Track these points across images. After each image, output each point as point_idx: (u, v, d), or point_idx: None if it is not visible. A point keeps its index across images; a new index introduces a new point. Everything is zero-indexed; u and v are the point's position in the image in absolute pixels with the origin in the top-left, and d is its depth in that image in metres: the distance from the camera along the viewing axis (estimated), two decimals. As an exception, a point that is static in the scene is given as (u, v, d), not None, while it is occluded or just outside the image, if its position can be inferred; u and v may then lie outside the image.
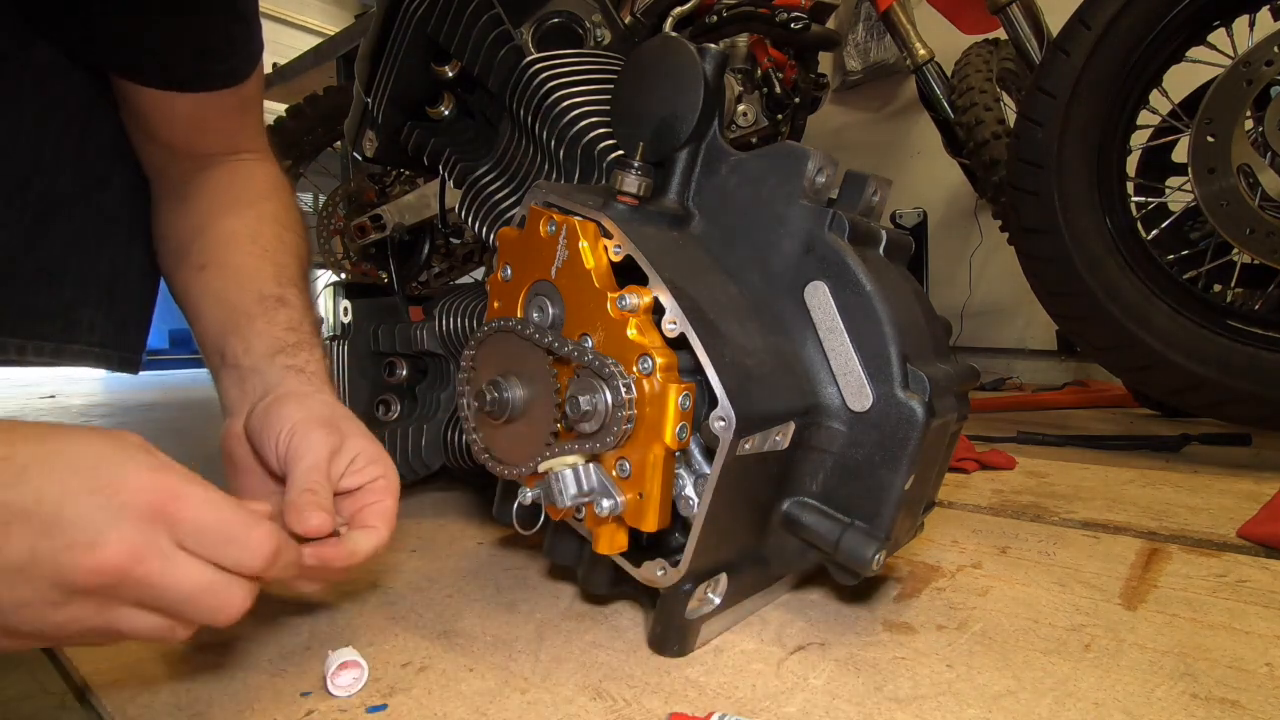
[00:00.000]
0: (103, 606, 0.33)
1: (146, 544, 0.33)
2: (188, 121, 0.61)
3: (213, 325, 0.57)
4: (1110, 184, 1.14)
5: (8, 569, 0.31)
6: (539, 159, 0.69)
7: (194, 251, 0.60)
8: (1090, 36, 1.10)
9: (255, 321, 0.55)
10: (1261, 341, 1.04)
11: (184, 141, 0.62)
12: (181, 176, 0.63)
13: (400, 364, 0.86)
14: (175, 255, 0.62)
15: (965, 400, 0.53)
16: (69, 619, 0.33)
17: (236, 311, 0.56)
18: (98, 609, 0.33)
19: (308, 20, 3.96)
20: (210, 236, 0.60)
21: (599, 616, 0.54)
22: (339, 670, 0.43)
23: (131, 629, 0.35)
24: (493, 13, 0.70)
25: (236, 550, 0.35)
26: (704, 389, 0.43)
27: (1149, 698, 0.43)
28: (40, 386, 2.60)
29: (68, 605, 0.33)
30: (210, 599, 0.35)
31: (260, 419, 0.49)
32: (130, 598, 0.34)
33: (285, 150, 2.11)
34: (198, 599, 0.35)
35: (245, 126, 0.66)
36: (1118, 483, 0.98)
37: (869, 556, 0.46)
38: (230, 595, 0.36)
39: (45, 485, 0.32)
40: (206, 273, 0.59)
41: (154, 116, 0.59)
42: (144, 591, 0.33)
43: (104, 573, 0.32)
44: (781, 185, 0.50)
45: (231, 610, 0.36)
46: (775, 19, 1.19)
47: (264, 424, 0.48)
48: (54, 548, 0.31)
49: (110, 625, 0.34)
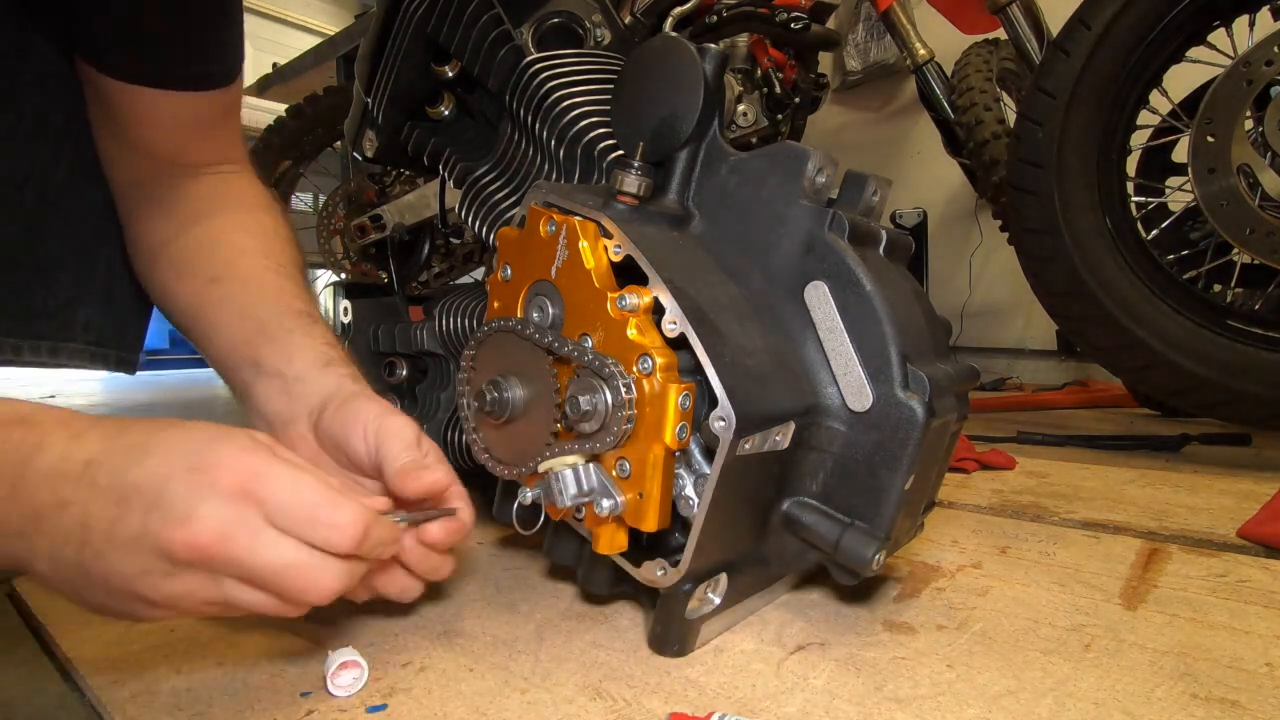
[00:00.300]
0: (210, 580, 0.36)
1: (235, 521, 0.35)
2: (177, 125, 0.60)
3: (238, 336, 0.56)
4: (1110, 184, 1.14)
5: (125, 540, 0.34)
6: (539, 159, 0.69)
7: (200, 264, 0.59)
8: (1090, 36, 1.10)
9: (293, 335, 0.56)
10: (1261, 341, 1.04)
11: (171, 148, 0.61)
12: (167, 188, 0.62)
13: (400, 364, 0.86)
14: (172, 267, 0.61)
15: (965, 400, 0.53)
16: (184, 590, 0.36)
17: (268, 324, 0.56)
18: (206, 582, 0.36)
19: (308, 20, 3.95)
20: (221, 251, 0.60)
21: (599, 616, 0.54)
22: (339, 670, 0.43)
23: (243, 603, 0.37)
24: (493, 13, 0.70)
25: (323, 529, 0.37)
26: (704, 389, 0.43)
27: (1149, 698, 0.43)
28: (40, 386, 2.60)
29: (178, 576, 0.35)
30: (297, 577, 0.36)
31: (339, 417, 0.50)
32: (229, 572, 0.36)
33: (285, 150, 2.11)
34: (285, 576, 0.36)
35: (230, 134, 0.65)
36: (1118, 483, 0.98)
37: (869, 556, 0.46)
38: (320, 574, 0.37)
39: (156, 465, 0.35)
40: (221, 286, 0.58)
41: (143, 121, 0.59)
42: (236, 567, 0.36)
43: (195, 548, 0.34)
44: (781, 185, 0.50)
45: (321, 589, 0.37)
46: (775, 19, 1.19)
47: (346, 420, 0.50)
48: (156, 522, 0.34)
49: (225, 598, 0.37)
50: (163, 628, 0.51)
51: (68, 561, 0.35)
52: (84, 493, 0.35)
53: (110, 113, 0.59)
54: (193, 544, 0.34)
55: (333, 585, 0.38)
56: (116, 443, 0.37)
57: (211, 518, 0.35)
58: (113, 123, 0.60)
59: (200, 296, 0.59)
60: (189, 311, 0.60)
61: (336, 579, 0.38)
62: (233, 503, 0.35)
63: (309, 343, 0.56)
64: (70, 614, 0.54)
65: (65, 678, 0.47)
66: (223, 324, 0.57)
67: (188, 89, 0.59)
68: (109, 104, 0.58)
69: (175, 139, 0.61)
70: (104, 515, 0.35)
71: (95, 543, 0.35)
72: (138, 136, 0.60)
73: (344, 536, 0.37)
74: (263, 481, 0.36)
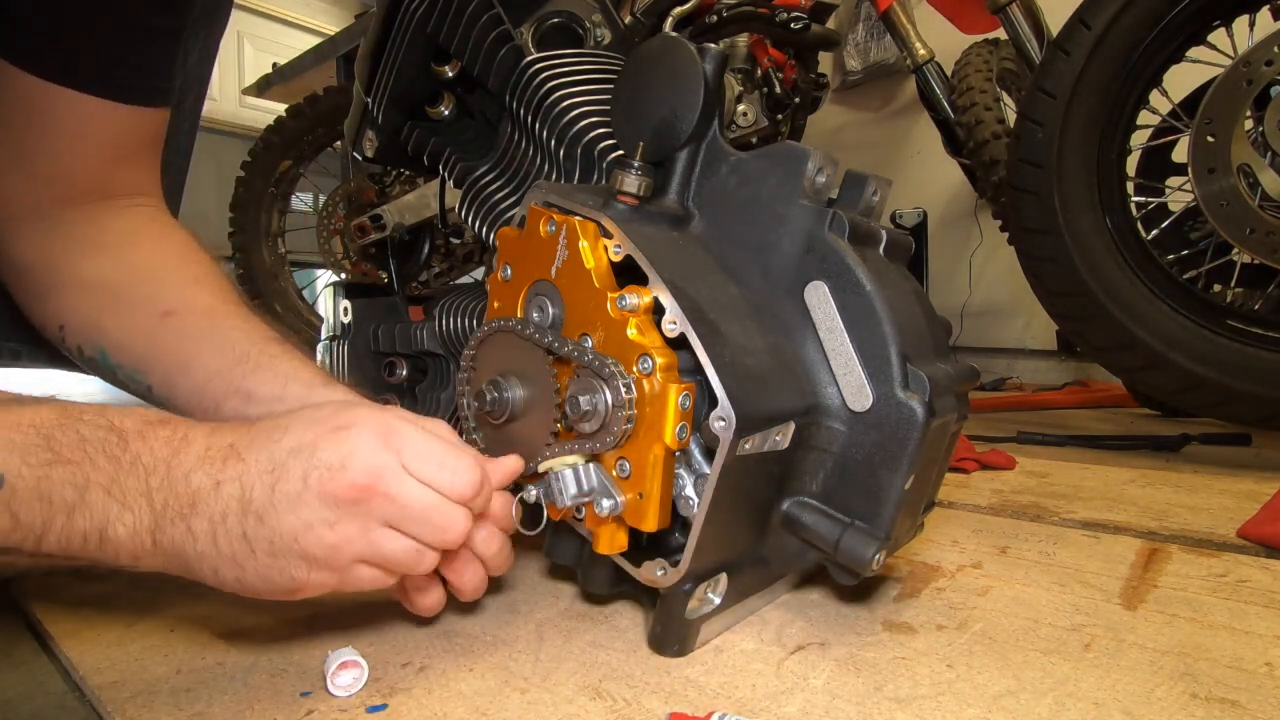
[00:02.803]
0: (364, 527, 0.40)
1: (383, 464, 0.40)
2: (105, 143, 0.58)
3: (216, 367, 0.56)
4: (1110, 184, 1.14)
5: (288, 497, 0.39)
6: (539, 159, 0.69)
7: (148, 297, 0.58)
8: (1090, 36, 1.10)
9: (279, 361, 0.56)
10: (1261, 341, 1.04)
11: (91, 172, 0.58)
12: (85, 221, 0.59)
13: (400, 364, 0.86)
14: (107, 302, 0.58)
15: (965, 400, 0.53)
16: (342, 539, 0.40)
17: (249, 353, 0.56)
18: (361, 529, 0.40)
19: (308, 20, 3.95)
20: (171, 283, 0.59)
21: (599, 616, 0.54)
22: (339, 670, 0.43)
23: (391, 550, 0.41)
24: (493, 13, 0.70)
25: (449, 471, 0.42)
26: (704, 389, 0.43)
27: (1149, 698, 0.43)
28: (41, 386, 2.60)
29: (338, 524, 0.40)
30: (438, 516, 0.42)
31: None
32: (380, 515, 0.41)
33: (285, 150, 2.11)
34: (428, 514, 0.41)
35: (153, 166, 0.64)
36: (1118, 483, 0.98)
37: (869, 556, 0.46)
38: (454, 514, 0.42)
39: (304, 432, 0.41)
40: (181, 319, 0.57)
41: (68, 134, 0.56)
42: (388, 506, 0.40)
43: (355, 486, 0.39)
44: (781, 185, 0.50)
45: (455, 530, 0.42)
46: (775, 19, 1.19)
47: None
48: (318, 471, 0.39)
49: (375, 546, 0.41)
50: (163, 628, 0.51)
51: (230, 533, 0.39)
52: (235, 469, 0.40)
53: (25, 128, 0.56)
54: (353, 483, 0.39)
55: (463, 525, 0.43)
56: (254, 428, 0.42)
57: (364, 462, 0.40)
58: (22, 142, 0.56)
59: (155, 332, 0.57)
60: (137, 347, 0.57)
61: (465, 519, 0.43)
62: (377, 450, 0.41)
63: (299, 366, 0.56)
64: (70, 614, 0.54)
65: (65, 678, 0.47)
66: (193, 357, 0.56)
67: (131, 101, 0.57)
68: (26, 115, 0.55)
69: (99, 160, 0.58)
70: (262, 483, 0.39)
71: (257, 508, 0.39)
72: (56, 155, 0.57)
73: (469, 476, 0.42)
74: (396, 433, 0.42)
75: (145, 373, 0.58)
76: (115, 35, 0.56)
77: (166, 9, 0.58)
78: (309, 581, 0.41)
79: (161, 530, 0.39)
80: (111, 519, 0.38)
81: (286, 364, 0.56)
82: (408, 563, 0.42)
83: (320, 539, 0.40)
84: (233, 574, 0.40)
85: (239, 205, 2.14)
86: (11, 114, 0.56)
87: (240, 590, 0.41)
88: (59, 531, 0.37)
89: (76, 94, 0.55)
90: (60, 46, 0.54)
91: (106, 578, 0.60)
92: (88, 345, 0.59)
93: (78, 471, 0.37)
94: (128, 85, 0.57)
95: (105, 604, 0.55)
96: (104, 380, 0.61)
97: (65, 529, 0.37)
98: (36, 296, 0.60)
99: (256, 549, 0.39)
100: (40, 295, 0.60)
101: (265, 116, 2.42)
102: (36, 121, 0.56)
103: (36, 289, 0.60)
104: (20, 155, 0.57)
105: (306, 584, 0.41)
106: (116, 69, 0.56)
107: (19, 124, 0.56)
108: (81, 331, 0.59)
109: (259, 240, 2.15)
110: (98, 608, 0.55)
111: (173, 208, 0.73)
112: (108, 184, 0.60)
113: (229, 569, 0.40)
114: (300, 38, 3.75)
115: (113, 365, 0.58)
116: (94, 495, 0.38)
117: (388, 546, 0.41)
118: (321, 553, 0.40)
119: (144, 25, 0.56)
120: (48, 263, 0.59)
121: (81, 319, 0.59)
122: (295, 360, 0.57)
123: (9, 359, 0.66)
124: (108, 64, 0.56)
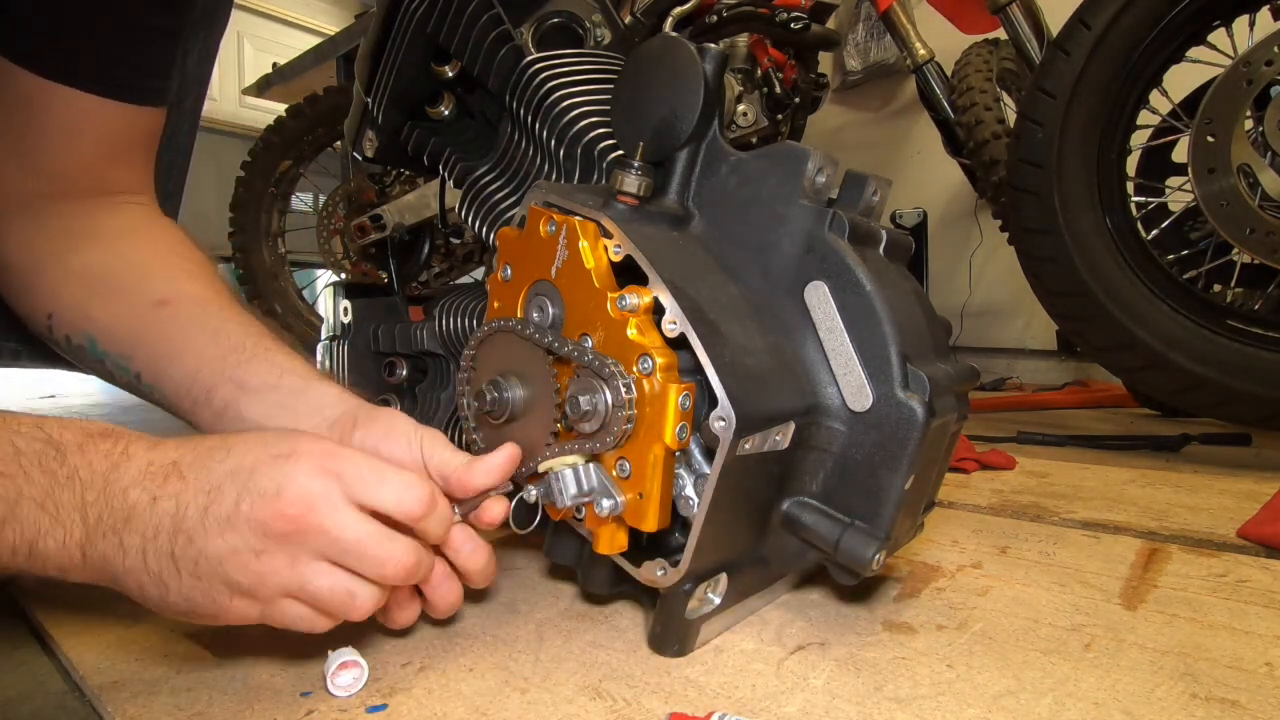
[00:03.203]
0: (293, 559, 0.39)
1: (319, 494, 0.39)
2: (102, 140, 0.58)
3: (210, 355, 0.55)
4: (1110, 184, 1.14)
5: (218, 521, 0.38)
6: (539, 159, 0.69)
7: (139, 287, 0.58)
8: (1090, 36, 1.10)
9: (273, 353, 0.56)
10: (1261, 341, 1.04)
11: (88, 168, 0.59)
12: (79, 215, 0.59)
13: (400, 364, 0.86)
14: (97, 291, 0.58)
15: (965, 400, 0.53)
16: (268, 568, 0.39)
17: (244, 343, 0.56)
18: (289, 560, 0.39)
19: (308, 20, 3.95)
20: (162, 275, 0.59)
21: (599, 616, 0.54)
22: (339, 670, 0.43)
23: (318, 586, 0.40)
24: (493, 13, 0.70)
25: (393, 490, 0.41)
26: (704, 389, 0.43)
27: (1149, 698, 0.43)
28: (40, 386, 2.60)
29: (265, 554, 0.39)
30: (376, 548, 0.40)
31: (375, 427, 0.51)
32: (312, 547, 0.39)
33: (285, 150, 2.12)
34: (364, 547, 0.40)
35: (148, 165, 0.64)
36: (1118, 483, 0.98)
37: (869, 556, 0.46)
38: (392, 548, 0.41)
39: (244, 455, 0.40)
40: (174, 308, 0.57)
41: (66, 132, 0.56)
42: (321, 538, 0.39)
43: (287, 517, 0.38)
44: (781, 185, 0.50)
45: (395, 563, 0.41)
46: (775, 19, 1.19)
47: (386, 429, 0.51)
48: (250, 498, 0.38)
49: (302, 579, 0.40)
50: (163, 628, 0.51)
51: (159, 551, 0.38)
52: (173, 486, 0.39)
53: (24, 124, 0.56)
54: (284, 514, 0.38)
55: (403, 559, 0.41)
56: (197, 446, 0.41)
57: (299, 490, 0.39)
58: (17, 138, 0.56)
59: (147, 320, 0.57)
60: (126, 334, 0.57)
61: (408, 554, 0.41)
62: (315, 478, 0.39)
63: (294, 360, 0.56)
64: (70, 614, 0.54)
65: (65, 678, 0.47)
66: (186, 345, 0.56)
67: (129, 100, 0.57)
68: (23, 111, 0.55)
69: (94, 157, 0.58)
70: (196, 503, 0.38)
71: (188, 529, 0.38)
72: (52, 151, 0.57)
73: (415, 492, 0.41)
74: (338, 459, 0.41)
75: (133, 359, 0.57)
76: (114, 34, 0.56)
77: (166, 9, 0.58)
78: (230, 609, 0.40)
79: (92, 544, 0.38)
80: (42, 533, 0.37)
81: (282, 357, 0.56)
82: (336, 604, 0.41)
83: (244, 565, 0.39)
84: (157, 592, 0.39)
85: (239, 205, 2.14)
86: (8, 109, 0.56)
87: (164, 610, 0.40)
88: None
89: (74, 91, 0.55)
90: (59, 45, 0.54)
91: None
92: (75, 333, 0.58)
93: (10, 485, 0.37)
94: (126, 84, 0.57)
95: (105, 604, 0.55)
96: (91, 371, 0.60)
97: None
98: (25, 289, 0.60)
99: (182, 569, 0.38)
100: (29, 288, 0.60)
101: (265, 116, 2.42)
102: (33, 117, 0.56)
103: (26, 282, 0.60)
104: (15, 150, 0.57)
105: (228, 611, 0.40)
106: (115, 68, 0.56)
107: (15, 119, 0.56)
108: (69, 320, 0.59)
109: (259, 240, 2.15)
110: (98, 608, 0.55)
111: (173, 208, 0.73)
112: (102, 181, 0.60)
113: (154, 587, 0.39)
114: (300, 38, 3.75)
115: (100, 353, 0.58)
116: (25, 509, 0.37)
117: (315, 582, 0.40)
118: (245, 580, 0.39)
119: (143, 25, 0.56)
120: (38, 256, 0.59)
121: (69, 307, 0.58)
122: (290, 354, 0.56)
123: (9, 359, 0.66)
124: (106, 63, 0.56)
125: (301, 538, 0.39)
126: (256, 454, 0.40)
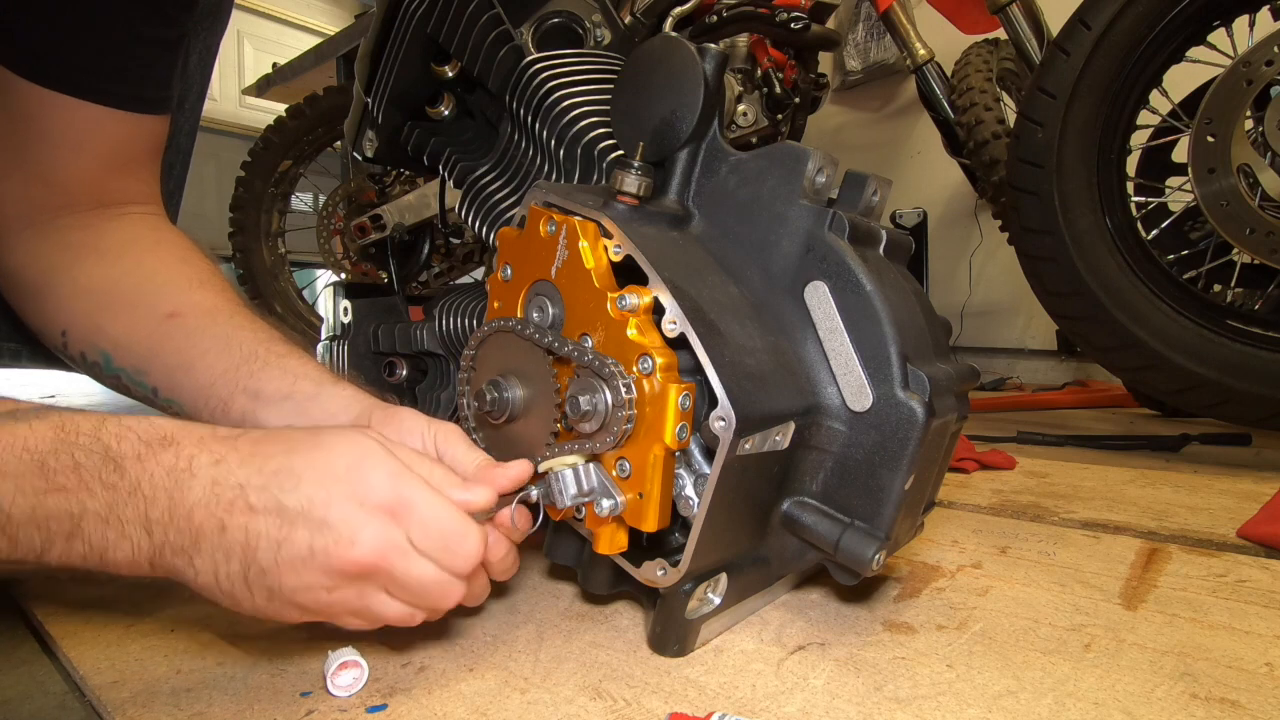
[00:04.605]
0: (362, 592, 0.41)
1: (391, 543, 0.40)
2: (106, 151, 0.58)
3: (224, 365, 0.56)
4: (1110, 184, 1.14)
5: (294, 560, 0.39)
6: (539, 159, 0.69)
7: (150, 299, 0.58)
8: (1090, 36, 1.10)
9: (287, 360, 0.56)
10: (1261, 341, 1.04)
11: (93, 179, 0.59)
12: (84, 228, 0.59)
13: (400, 364, 0.86)
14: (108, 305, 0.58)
15: (965, 400, 0.53)
16: (338, 600, 0.41)
17: (256, 352, 0.56)
18: (358, 593, 0.41)
19: (308, 20, 3.95)
20: (173, 286, 0.59)
21: (599, 616, 0.54)
22: (339, 670, 0.43)
23: (383, 612, 0.42)
24: (493, 13, 0.70)
25: (452, 557, 0.42)
26: (704, 389, 0.43)
27: (1149, 698, 0.43)
28: (41, 386, 2.60)
29: (337, 590, 0.40)
30: (437, 590, 0.42)
31: (390, 426, 0.51)
32: (379, 584, 0.41)
33: (285, 150, 2.12)
34: (427, 589, 0.42)
35: (153, 174, 0.64)
36: (1118, 483, 0.98)
37: (869, 556, 0.46)
38: (451, 589, 0.43)
39: (315, 491, 0.39)
40: (186, 319, 0.57)
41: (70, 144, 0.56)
42: (389, 581, 0.41)
43: (361, 565, 0.40)
44: (781, 185, 0.50)
45: (451, 600, 0.44)
46: (775, 19, 1.19)
47: (401, 429, 0.52)
48: (325, 544, 0.39)
49: (368, 607, 0.42)
50: (162, 628, 0.51)
51: (231, 575, 0.39)
52: (241, 517, 0.39)
53: (28, 136, 0.56)
54: (359, 562, 0.39)
55: (459, 596, 0.44)
56: (263, 467, 0.40)
57: (372, 540, 0.40)
58: (21, 149, 0.56)
59: (158, 333, 0.57)
60: (140, 348, 0.57)
61: (462, 590, 0.44)
62: (387, 526, 0.40)
63: (307, 364, 0.56)
64: (70, 614, 0.54)
65: (65, 678, 0.47)
66: (197, 357, 0.56)
67: (127, 109, 0.57)
68: (26, 122, 0.55)
69: (97, 168, 0.58)
70: (268, 536, 0.39)
71: (261, 563, 0.39)
72: (55, 162, 0.57)
73: (470, 560, 0.43)
74: (408, 507, 0.41)
75: (149, 374, 0.57)
76: (115, 44, 0.56)
77: (166, 20, 0.58)
78: (299, 620, 0.42)
79: (161, 558, 0.39)
80: (110, 545, 0.38)
81: (294, 362, 0.56)
82: (399, 621, 0.44)
83: (317, 599, 0.40)
84: (229, 602, 0.41)
85: (239, 205, 2.14)
86: (11, 121, 0.56)
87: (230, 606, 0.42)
88: (58, 553, 0.38)
89: (76, 101, 0.55)
90: (61, 55, 0.54)
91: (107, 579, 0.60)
92: (90, 350, 0.59)
93: (73, 499, 0.37)
94: (127, 94, 0.57)
95: (105, 604, 0.55)
96: (110, 386, 0.60)
97: (64, 551, 0.38)
98: (35, 303, 0.60)
99: (255, 593, 0.40)
100: (39, 302, 0.60)
101: (265, 116, 2.42)
102: (36, 128, 0.56)
103: (35, 296, 0.60)
104: (19, 162, 0.57)
105: (296, 621, 0.42)
106: (116, 78, 0.57)
107: (18, 131, 0.56)
108: (83, 336, 0.59)
109: (259, 240, 2.15)
110: (98, 608, 0.55)
111: (174, 209, 0.73)
112: (106, 191, 0.60)
113: (226, 599, 0.40)
114: (300, 38, 3.75)
115: (116, 369, 0.58)
116: (90, 524, 0.38)
117: (381, 610, 0.42)
118: (317, 608, 0.41)
119: (144, 35, 0.56)
120: (45, 269, 0.59)
121: (82, 323, 0.59)
122: (302, 358, 0.57)
123: (9, 359, 0.66)
124: (108, 73, 0.56)
125: (372, 579, 0.41)
126: (330, 490, 0.40)
